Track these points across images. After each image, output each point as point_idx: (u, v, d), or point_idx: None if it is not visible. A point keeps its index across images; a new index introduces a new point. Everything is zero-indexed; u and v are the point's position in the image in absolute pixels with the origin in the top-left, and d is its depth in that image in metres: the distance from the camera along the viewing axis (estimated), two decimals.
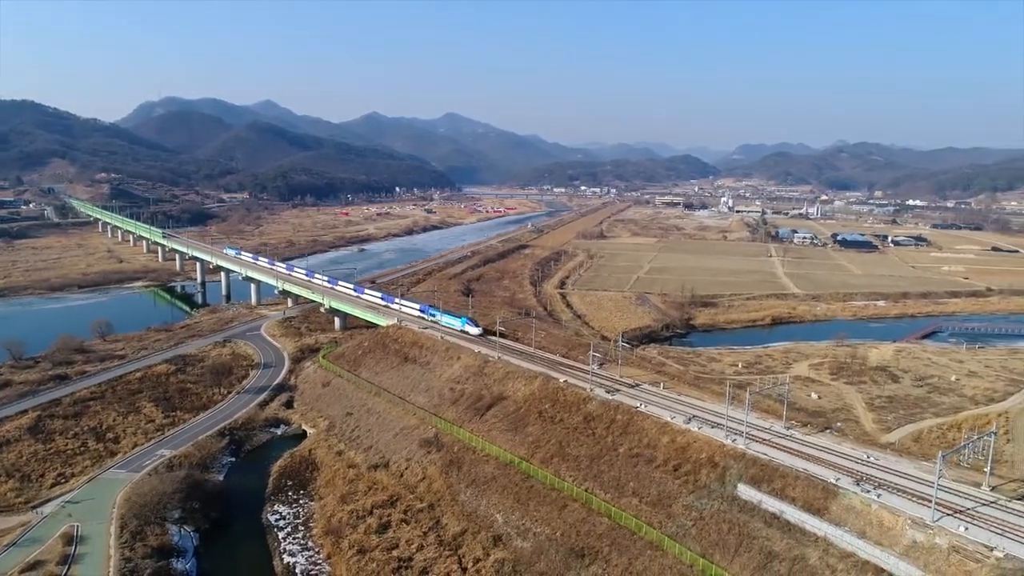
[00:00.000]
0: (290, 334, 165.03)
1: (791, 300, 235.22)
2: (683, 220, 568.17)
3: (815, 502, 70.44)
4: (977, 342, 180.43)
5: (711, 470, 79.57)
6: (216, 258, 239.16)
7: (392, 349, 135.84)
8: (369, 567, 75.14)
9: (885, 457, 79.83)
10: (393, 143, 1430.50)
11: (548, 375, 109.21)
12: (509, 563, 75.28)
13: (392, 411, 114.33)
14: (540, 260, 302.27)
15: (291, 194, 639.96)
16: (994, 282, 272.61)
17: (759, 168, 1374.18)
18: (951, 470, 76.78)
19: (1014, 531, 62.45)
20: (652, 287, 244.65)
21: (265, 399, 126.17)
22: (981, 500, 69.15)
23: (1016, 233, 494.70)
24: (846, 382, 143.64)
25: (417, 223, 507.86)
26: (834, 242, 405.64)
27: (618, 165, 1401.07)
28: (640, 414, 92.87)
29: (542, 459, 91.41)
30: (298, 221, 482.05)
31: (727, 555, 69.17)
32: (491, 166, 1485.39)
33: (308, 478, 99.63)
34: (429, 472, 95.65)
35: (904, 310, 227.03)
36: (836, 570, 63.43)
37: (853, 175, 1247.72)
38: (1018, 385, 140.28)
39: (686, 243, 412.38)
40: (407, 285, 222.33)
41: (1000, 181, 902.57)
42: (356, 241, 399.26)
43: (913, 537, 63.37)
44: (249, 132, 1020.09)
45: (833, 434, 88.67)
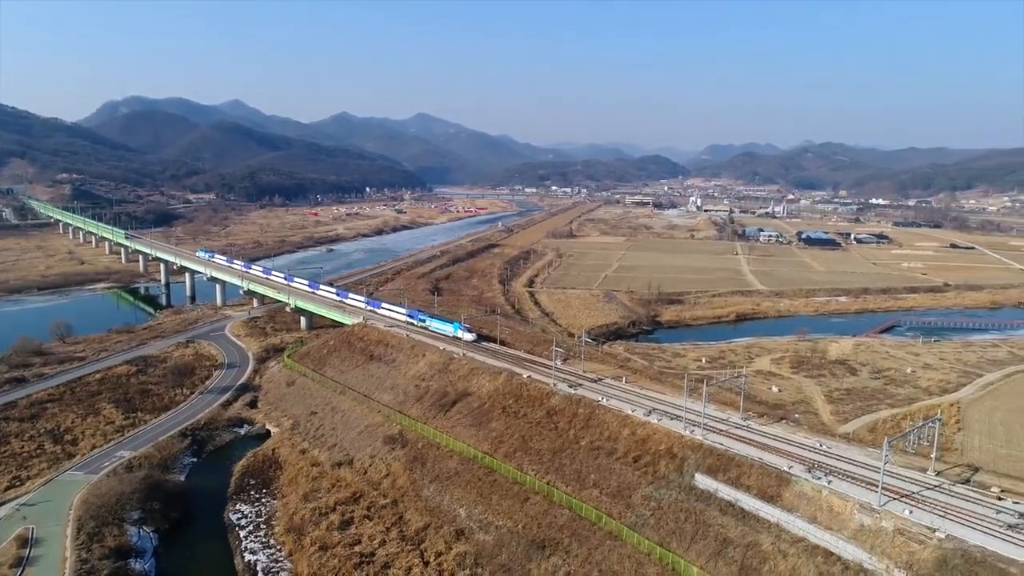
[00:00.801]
0: (255, 334, 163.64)
1: (755, 297, 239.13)
2: (652, 219, 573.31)
3: (769, 489, 72.16)
4: (933, 336, 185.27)
5: (670, 461, 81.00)
6: (180, 259, 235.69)
7: (358, 347, 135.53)
8: (331, 563, 75.14)
9: (837, 445, 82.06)
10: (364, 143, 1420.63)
11: (512, 371, 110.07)
12: (471, 556, 75.87)
13: (357, 409, 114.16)
14: (509, 259, 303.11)
15: (259, 195, 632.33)
16: (951, 278, 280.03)
17: (727, 168, 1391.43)
18: (900, 456, 79.18)
19: (956, 513, 64.74)
20: (620, 285, 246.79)
21: (228, 399, 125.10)
22: (926, 484, 71.49)
23: (973, 231, 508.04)
24: (806, 375, 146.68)
25: (387, 223, 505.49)
26: (799, 240, 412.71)
27: (589, 165, 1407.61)
28: (602, 408, 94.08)
29: (505, 453, 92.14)
30: (266, 222, 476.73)
31: (684, 543, 70.54)
32: (462, 166, 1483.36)
33: (271, 477, 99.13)
34: (393, 469, 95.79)
35: (865, 305, 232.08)
36: (787, 555, 65.10)
37: (819, 175, 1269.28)
38: (970, 376, 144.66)
39: (654, 242, 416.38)
40: (375, 284, 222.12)
41: (959, 181, 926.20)
42: (325, 241, 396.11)
43: (861, 521, 65.32)
44: (216, 132, 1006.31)
45: (788, 424, 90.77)
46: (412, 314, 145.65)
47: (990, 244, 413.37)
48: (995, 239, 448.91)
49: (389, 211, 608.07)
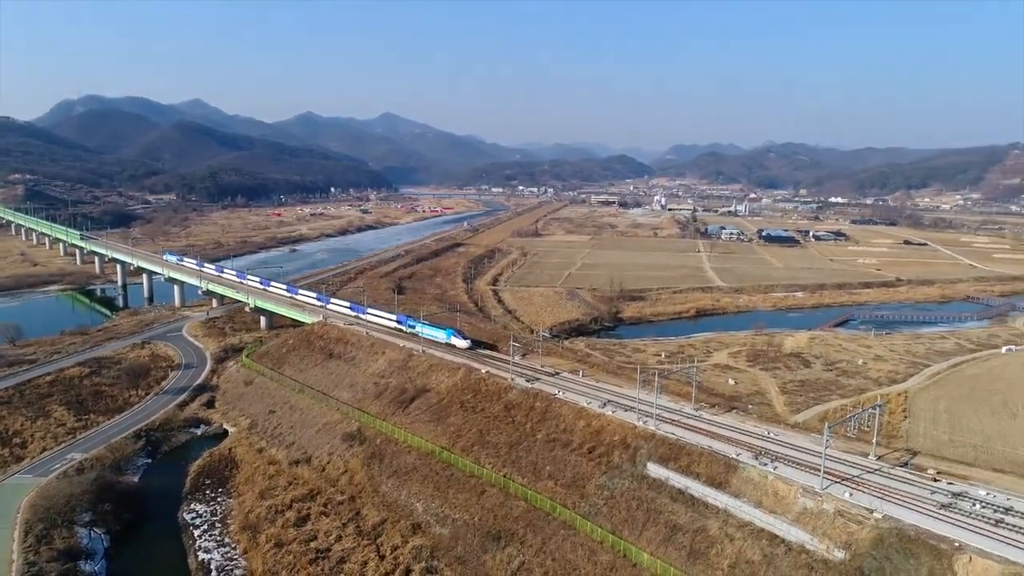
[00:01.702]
0: (213, 334, 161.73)
1: (715, 293, 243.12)
2: (617, 218, 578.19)
3: (717, 476, 73.98)
4: (885, 329, 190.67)
5: (623, 451, 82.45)
6: (137, 259, 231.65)
7: (317, 346, 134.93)
8: (286, 559, 75.07)
9: (784, 433, 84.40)
10: (328, 143, 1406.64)
11: (471, 366, 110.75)
12: (427, 549, 76.42)
13: (315, 407, 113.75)
14: (474, 258, 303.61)
15: (221, 195, 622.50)
16: (904, 273, 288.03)
17: (692, 168, 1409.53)
18: (843, 443, 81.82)
19: (893, 495, 67.21)
20: (583, 283, 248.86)
21: (185, 399, 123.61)
22: (867, 468, 74.00)
23: (927, 228, 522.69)
24: (762, 368, 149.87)
25: (352, 223, 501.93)
26: (759, 238, 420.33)
27: (556, 165, 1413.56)
28: (558, 401, 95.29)
29: (463, 448, 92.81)
30: (228, 222, 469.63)
31: (635, 530, 72.01)
32: (429, 166, 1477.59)
33: (227, 476, 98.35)
34: (351, 465, 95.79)
35: (821, 300, 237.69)
36: (734, 538, 66.92)
37: (781, 174, 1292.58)
38: (918, 367, 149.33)
39: (618, 240, 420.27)
40: (338, 284, 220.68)
41: (914, 179, 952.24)
42: (288, 242, 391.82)
43: (804, 504, 67.39)
44: (176, 132, 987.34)
45: (738, 414, 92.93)
46: (402, 320, 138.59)
47: (942, 240, 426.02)
48: (947, 236, 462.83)
49: (354, 211, 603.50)
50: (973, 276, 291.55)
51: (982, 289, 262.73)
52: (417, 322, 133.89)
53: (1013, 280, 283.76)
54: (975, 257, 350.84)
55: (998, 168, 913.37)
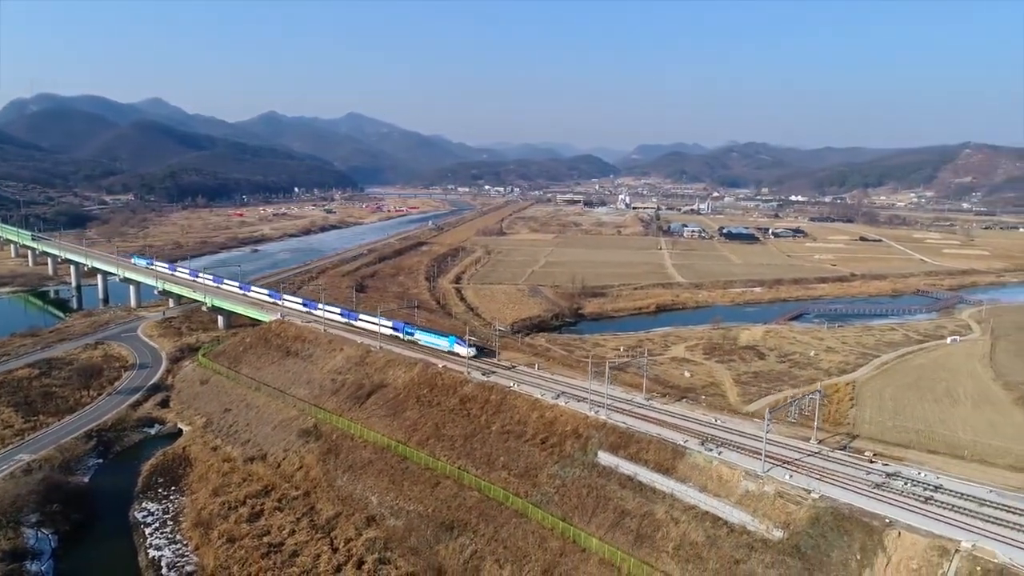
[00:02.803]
0: (169, 334, 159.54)
1: (676, 289, 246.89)
2: (582, 217, 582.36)
3: (665, 462, 75.80)
4: (837, 322, 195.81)
5: (575, 440, 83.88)
6: (91, 260, 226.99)
7: (274, 344, 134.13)
8: (238, 554, 74.82)
9: (731, 420, 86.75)
10: (292, 143, 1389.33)
11: (428, 361, 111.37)
12: (380, 541, 76.85)
13: (272, 405, 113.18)
14: (437, 256, 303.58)
15: (181, 195, 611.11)
16: (858, 268, 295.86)
17: (656, 167, 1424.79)
18: (787, 428, 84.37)
19: (830, 476, 69.71)
20: (546, 280, 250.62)
21: (139, 399, 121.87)
22: (808, 452, 76.51)
23: (882, 225, 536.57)
24: (717, 361, 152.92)
25: (315, 223, 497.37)
26: (720, 235, 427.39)
27: (522, 165, 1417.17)
28: (513, 393, 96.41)
29: (418, 441, 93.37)
30: (188, 223, 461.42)
31: (585, 517, 73.42)
32: (395, 166, 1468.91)
33: (180, 475, 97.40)
34: (306, 461, 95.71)
35: (777, 295, 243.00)
36: (679, 522, 68.71)
37: (743, 173, 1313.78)
38: (868, 358, 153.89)
39: (582, 238, 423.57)
40: (298, 283, 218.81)
41: (871, 178, 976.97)
42: (249, 242, 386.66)
43: (746, 487, 69.48)
44: (135, 131, 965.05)
45: (688, 402, 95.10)
46: (399, 327, 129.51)
47: (896, 237, 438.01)
48: (900, 232, 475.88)
49: (318, 211, 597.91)
50: (924, 271, 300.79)
51: (932, 283, 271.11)
52: (416, 329, 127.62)
53: (961, 274, 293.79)
54: (927, 253, 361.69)
55: (950, 167, 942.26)
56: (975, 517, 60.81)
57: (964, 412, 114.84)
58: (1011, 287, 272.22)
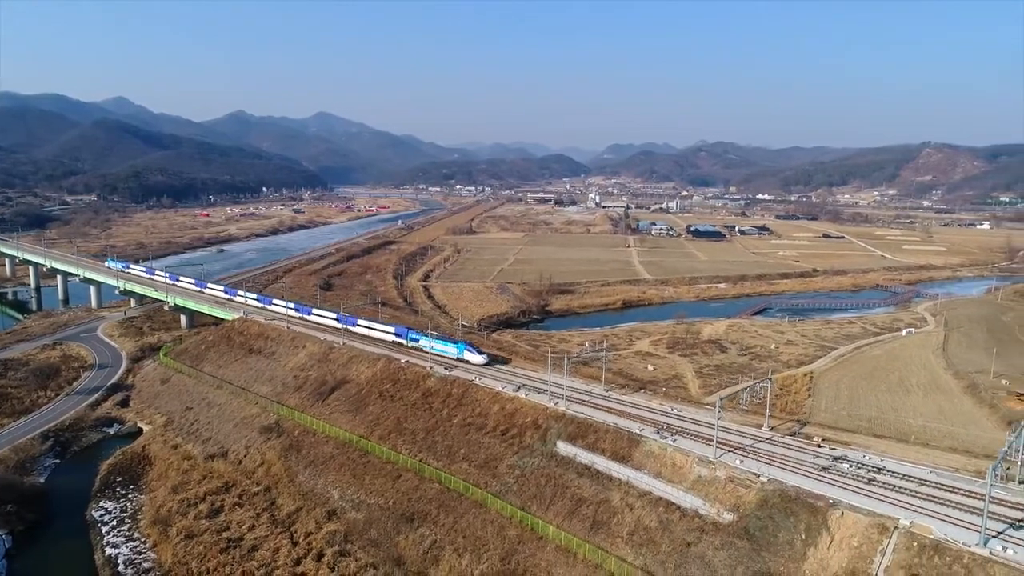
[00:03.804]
0: (130, 334, 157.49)
1: (642, 285, 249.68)
2: (552, 216, 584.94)
3: (621, 451, 77.26)
4: (799, 316, 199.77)
5: (535, 431, 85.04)
6: (50, 260, 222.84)
7: (237, 342, 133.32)
8: (196, 550, 74.52)
9: (687, 409, 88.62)
10: (260, 142, 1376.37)
11: (391, 356, 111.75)
12: (340, 533, 77.11)
13: (234, 402, 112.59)
14: (406, 255, 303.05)
15: (146, 196, 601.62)
16: (820, 264, 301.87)
17: (627, 166, 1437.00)
18: (741, 416, 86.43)
19: (779, 461, 71.74)
20: (514, 277, 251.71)
21: (98, 399, 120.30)
22: (759, 438, 78.58)
23: (845, 222, 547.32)
24: (680, 354, 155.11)
25: (283, 223, 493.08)
26: (688, 233, 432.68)
27: (494, 164, 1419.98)
28: (474, 386, 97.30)
29: (380, 435, 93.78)
30: (152, 223, 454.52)
31: (543, 505, 74.52)
32: (365, 166, 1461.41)
33: (139, 473, 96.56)
34: (268, 457, 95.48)
35: (741, 291, 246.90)
36: (634, 508, 70.13)
37: (712, 172, 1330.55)
38: (826, 350, 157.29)
39: (552, 237, 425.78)
40: (264, 283, 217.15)
41: (836, 177, 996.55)
42: (216, 242, 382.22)
43: (699, 473, 71.16)
44: (98, 130, 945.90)
45: (646, 393, 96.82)
46: (402, 333, 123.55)
47: (858, 234, 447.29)
48: (863, 229, 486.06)
49: (286, 211, 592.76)
50: (884, 266, 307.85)
51: (891, 278, 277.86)
52: (422, 335, 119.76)
53: (919, 269, 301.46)
54: (887, 249, 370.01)
55: (911, 166, 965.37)
56: (914, 496, 63.16)
57: (915, 400, 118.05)
58: (966, 281, 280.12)
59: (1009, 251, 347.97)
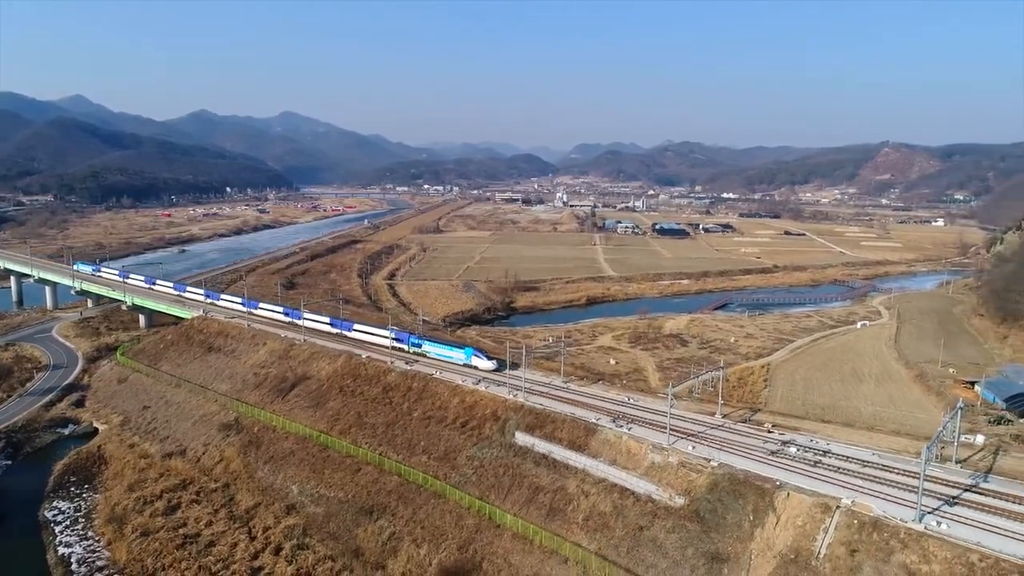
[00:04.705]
0: (87, 334, 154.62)
1: (607, 282, 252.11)
2: (519, 215, 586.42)
3: (578, 440, 78.60)
4: (758, 310, 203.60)
5: (494, 423, 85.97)
6: (3, 261, 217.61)
7: (196, 340, 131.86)
8: (152, 547, 73.96)
9: (643, 399, 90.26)
10: (224, 142, 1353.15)
11: (352, 352, 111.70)
12: (299, 527, 77.10)
13: (192, 400, 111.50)
14: (372, 254, 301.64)
15: (105, 196, 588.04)
16: (781, 260, 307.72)
17: (594, 166, 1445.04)
18: (696, 404, 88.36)
19: (729, 446, 73.70)
20: (480, 275, 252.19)
21: (52, 400, 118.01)
22: (712, 425, 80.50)
23: (807, 220, 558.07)
24: (642, 349, 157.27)
25: (247, 223, 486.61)
26: (653, 231, 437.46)
27: (462, 164, 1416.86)
28: (435, 380, 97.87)
29: (340, 430, 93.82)
30: (111, 224, 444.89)
31: (501, 495, 75.46)
32: (332, 166, 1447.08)
33: (95, 473, 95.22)
34: (227, 454, 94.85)
35: (704, 286, 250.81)
36: (589, 494, 71.42)
37: (678, 171, 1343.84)
38: (783, 343, 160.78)
39: (519, 235, 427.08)
40: (226, 282, 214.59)
41: (798, 176, 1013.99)
42: (177, 242, 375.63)
43: (653, 459, 72.75)
44: (54, 129, 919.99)
45: (604, 384, 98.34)
46: (402, 338, 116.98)
47: (818, 231, 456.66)
48: (823, 227, 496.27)
49: (251, 211, 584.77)
50: (842, 262, 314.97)
51: (848, 273, 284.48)
52: (425, 340, 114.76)
53: (876, 264, 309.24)
54: (846, 245, 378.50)
55: (870, 165, 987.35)
56: (857, 477, 65.49)
57: (867, 389, 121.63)
58: (919, 276, 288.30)
59: (961, 247, 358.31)
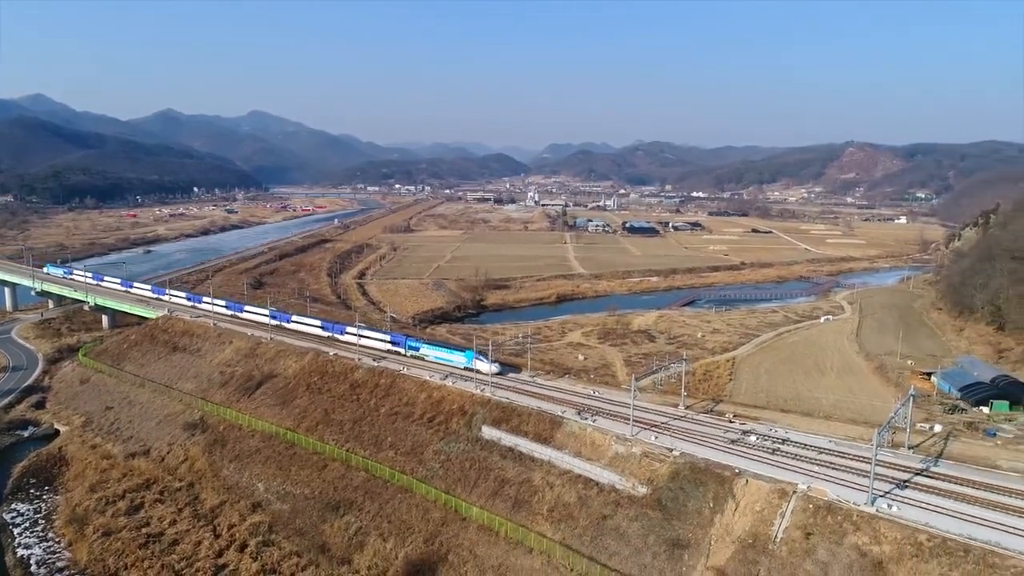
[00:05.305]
0: (48, 335, 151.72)
1: (576, 279, 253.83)
2: (491, 214, 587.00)
3: (544, 433, 79.40)
4: (725, 306, 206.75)
5: (461, 417, 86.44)
6: None
7: (161, 340, 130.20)
8: (114, 546, 73.12)
9: (609, 392, 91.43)
10: (192, 142, 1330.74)
11: (319, 350, 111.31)
12: (265, 524, 76.77)
13: (157, 400, 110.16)
14: (341, 253, 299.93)
15: (68, 197, 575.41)
16: (748, 258, 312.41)
17: (566, 165, 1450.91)
18: (660, 397, 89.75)
19: (691, 436, 75.07)
20: (451, 274, 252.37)
21: (11, 402, 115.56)
22: (675, 416, 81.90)
23: (774, 218, 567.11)
24: (611, 344, 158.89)
25: (215, 223, 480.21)
26: (623, 229, 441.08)
27: (433, 164, 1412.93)
28: (402, 376, 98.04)
29: (307, 427, 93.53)
30: (74, 224, 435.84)
31: (467, 488, 75.96)
32: (303, 166, 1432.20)
33: (55, 474, 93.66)
34: (191, 453, 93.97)
35: (672, 283, 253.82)
36: (554, 486, 72.25)
37: (649, 171, 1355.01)
38: (749, 337, 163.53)
39: (490, 234, 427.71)
40: (193, 282, 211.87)
41: (766, 175, 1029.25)
42: (143, 243, 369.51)
43: (616, 450, 73.82)
44: (14, 129, 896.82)
45: (570, 378, 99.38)
46: (398, 341, 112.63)
47: (785, 229, 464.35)
48: (790, 224, 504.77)
49: (219, 211, 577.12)
50: (807, 259, 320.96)
51: (813, 270, 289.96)
52: (422, 343, 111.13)
53: (840, 261, 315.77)
54: (811, 242, 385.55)
55: (836, 164, 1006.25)
56: (813, 463, 67.24)
57: (829, 381, 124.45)
58: (882, 272, 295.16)
59: (922, 243, 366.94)
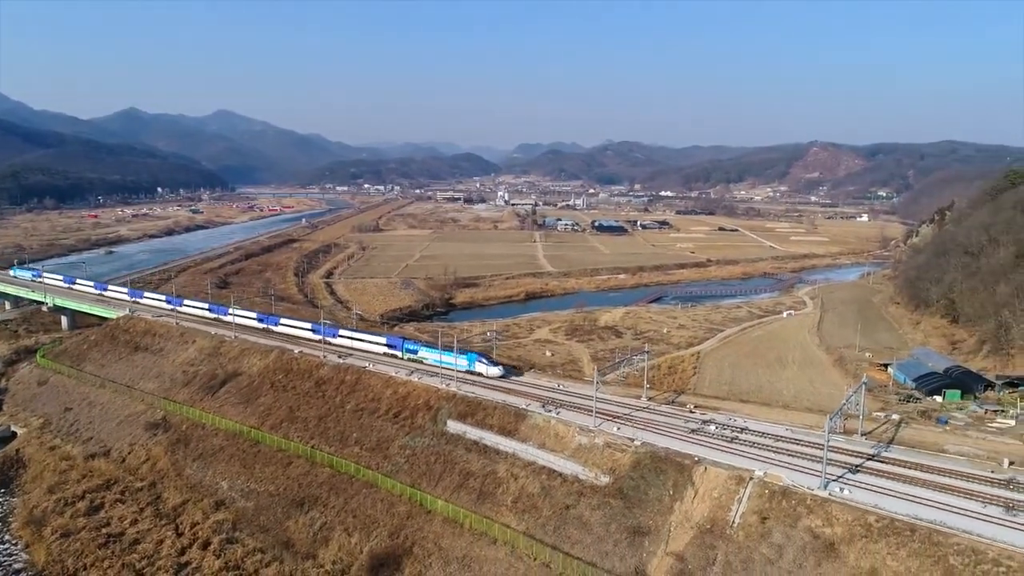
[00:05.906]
0: (4, 337, 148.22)
1: (545, 278, 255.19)
2: (461, 213, 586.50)
3: (508, 425, 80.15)
4: (691, 302, 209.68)
5: (426, 412, 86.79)
6: None
7: (122, 340, 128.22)
8: (73, 547, 72.09)
9: (572, 385, 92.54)
10: (156, 141, 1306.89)
11: (284, 348, 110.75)
12: (228, 522, 76.26)
13: (118, 400, 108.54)
14: (309, 253, 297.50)
15: (25, 197, 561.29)
16: (714, 255, 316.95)
17: (536, 165, 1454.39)
18: (623, 388, 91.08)
19: (653, 426, 76.46)
20: (419, 273, 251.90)
21: None
22: (637, 408, 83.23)
23: (740, 216, 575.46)
24: (578, 340, 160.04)
25: (180, 223, 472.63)
26: (592, 228, 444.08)
27: (403, 163, 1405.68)
28: (368, 373, 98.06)
29: (272, 425, 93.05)
30: (32, 225, 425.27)
31: (432, 481, 76.35)
32: (270, 165, 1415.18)
33: (12, 477, 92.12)
34: (153, 453, 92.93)
35: (640, 281, 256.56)
36: (518, 477, 73.00)
37: (618, 170, 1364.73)
38: (714, 332, 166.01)
39: (459, 233, 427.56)
40: (156, 283, 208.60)
41: (733, 174, 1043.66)
42: (104, 243, 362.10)
43: (580, 441, 74.83)
44: None
45: (535, 372, 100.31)
46: (395, 343, 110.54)
47: (751, 227, 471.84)
48: (755, 223, 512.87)
49: (184, 211, 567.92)
50: (772, 256, 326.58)
51: (777, 266, 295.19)
52: (421, 346, 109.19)
53: (803, 258, 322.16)
54: (776, 240, 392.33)
55: (800, 163, 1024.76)
56: (769, 450, 68.98)
57: (790, 374, 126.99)
58: (843, 268, 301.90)
59: (882, 240, 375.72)
